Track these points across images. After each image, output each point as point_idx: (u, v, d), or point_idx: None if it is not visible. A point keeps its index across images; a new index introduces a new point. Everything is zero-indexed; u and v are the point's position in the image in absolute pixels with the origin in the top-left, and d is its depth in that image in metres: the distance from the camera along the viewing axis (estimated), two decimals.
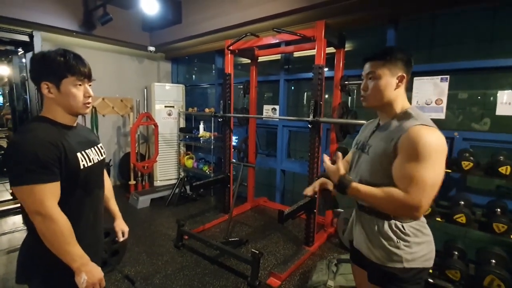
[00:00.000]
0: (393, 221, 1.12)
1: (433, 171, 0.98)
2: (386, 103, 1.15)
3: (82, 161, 1.07)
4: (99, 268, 1.05)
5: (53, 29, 3.66)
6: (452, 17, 2.75)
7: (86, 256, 1.02)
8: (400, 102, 1.15)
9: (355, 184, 1.12)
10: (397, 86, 1.13)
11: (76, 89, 1.04)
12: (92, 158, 1.13)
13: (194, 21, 3.92)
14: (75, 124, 1.14)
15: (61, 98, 1.03)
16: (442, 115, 2.50)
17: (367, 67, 1.17)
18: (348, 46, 3.19)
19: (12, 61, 3.77)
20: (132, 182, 4.41)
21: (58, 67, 1.01)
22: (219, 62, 4.72)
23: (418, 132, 1.00)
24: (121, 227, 1.41)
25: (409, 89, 1.25)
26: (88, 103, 1.09)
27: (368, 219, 1.20)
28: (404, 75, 1.13)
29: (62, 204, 1.00)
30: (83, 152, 1.09)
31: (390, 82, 1.12)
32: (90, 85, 1.10)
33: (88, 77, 1.08)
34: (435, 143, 0.99)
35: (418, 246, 1.10)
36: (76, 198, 1.08)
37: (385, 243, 1.11)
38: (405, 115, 1.11)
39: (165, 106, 4.78)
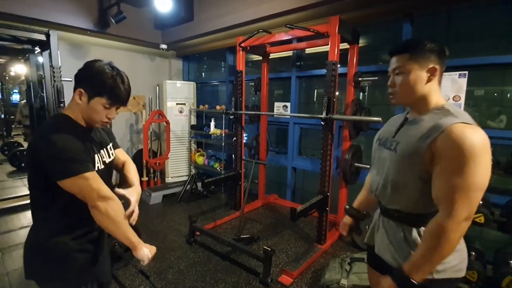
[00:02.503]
0: (422, 228, 1.02)
1: (480, 176, 0.89)
2: (418, 99, 1.04)
3: (97, 163, 1.09)
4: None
5: (68, 28, 3.72)
6: (469, 12, 2.65)
7: None
8: (434, 97, 1.04)
9: (410, 269, 0.96)
10: (429, 80, 1.01)
11: (102, 109, 1.04)
12: (104, 161, 1.14)
13: (206, 18, 3.93)
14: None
15: (85, 108, 1.04)
16: None
17: (393, 61, 1.07)
18: (362, 42, 3.13)
19: (29, 60, 3.86)
20: (145, 178, 4.47)
21: (102, 85, 1.01)
22: (230, 59, 4.72)
23: (461, 133, 0.88)
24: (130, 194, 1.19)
25: None
26: (106, 123, 1.09)
27: (393, 226, 1.11)
28: (436, 67, 1.00)
29: (75, 201, 1.00)
30: (98, 154, 1.11)
31: (420, 76, 1.01)
32: (117, 109, 1.09)
33: (121, 104, 1.08)
34: (481, 144, 0.88)
35: (450, 255, 0.98)
36: None
37: (413, 252, 1.01)
38: (442, 111, 1.00)
39: (177, 104, 4.82)
